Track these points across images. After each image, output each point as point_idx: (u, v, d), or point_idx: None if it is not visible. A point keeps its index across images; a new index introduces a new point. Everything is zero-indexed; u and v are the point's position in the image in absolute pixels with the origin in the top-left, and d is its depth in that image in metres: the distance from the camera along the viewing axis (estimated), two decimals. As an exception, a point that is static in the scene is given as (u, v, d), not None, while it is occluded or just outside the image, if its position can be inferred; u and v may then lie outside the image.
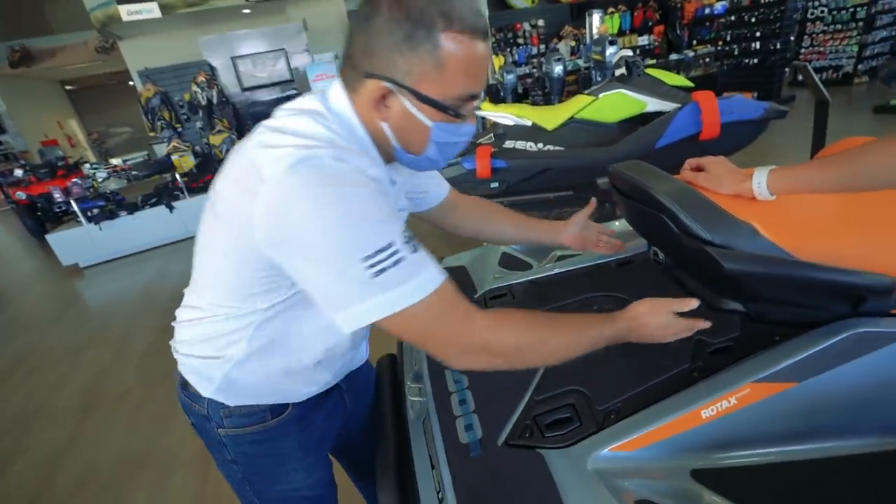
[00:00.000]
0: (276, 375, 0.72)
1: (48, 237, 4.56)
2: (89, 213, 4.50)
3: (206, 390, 0.72)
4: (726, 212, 0.70)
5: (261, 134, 0.58)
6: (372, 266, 0.52)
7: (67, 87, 12.92)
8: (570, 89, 5.76)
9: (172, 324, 0.77)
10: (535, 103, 6.12)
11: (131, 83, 7.58)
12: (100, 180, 5.12)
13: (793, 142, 4.20)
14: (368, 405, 0.98)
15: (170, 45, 7.16)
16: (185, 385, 0.76)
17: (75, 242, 4.55)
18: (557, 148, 2.66)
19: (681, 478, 0.67)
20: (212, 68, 7.26)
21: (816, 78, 2.43)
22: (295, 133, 0.56)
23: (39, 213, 5.93)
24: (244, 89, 7.64)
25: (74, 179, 5.06)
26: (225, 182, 0.61)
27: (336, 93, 0.62)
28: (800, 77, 5.61)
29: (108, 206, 4.59)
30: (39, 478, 1.95)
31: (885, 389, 0.74)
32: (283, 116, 0.61)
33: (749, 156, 2.98)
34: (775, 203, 0.75)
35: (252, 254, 0.58)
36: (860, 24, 6.41)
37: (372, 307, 0.54)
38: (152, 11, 5.59)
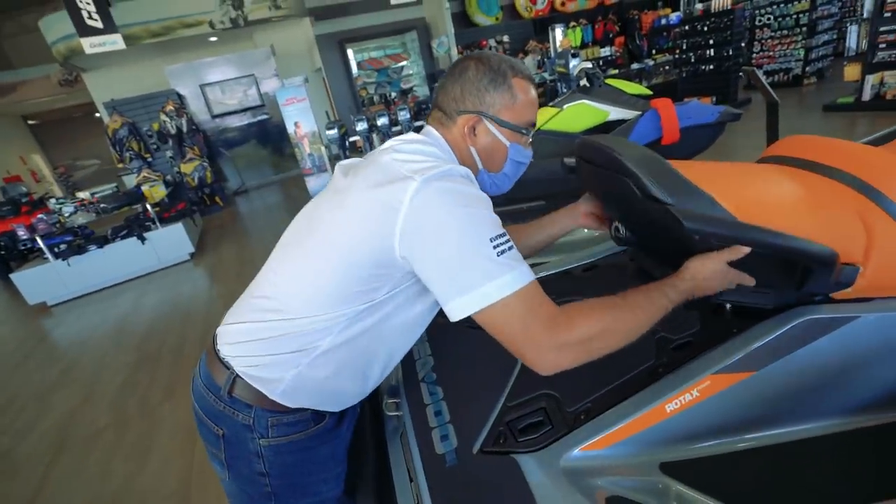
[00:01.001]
0: (345, 375, 0.76)
1: (12, 276, 4.39)
2: (56, 249, 4.35)
3: (273, 391, 0.73)
4: (687, 179, 0.74)
5: (390, 153, 0.73)
6: (497, 246, 0.64)
7: (30, 122, 12.58)
8: (539, 102, 5.89)
9: (224, 327, 0.79)
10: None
11: (97, 115, 7.44)
12: (66, 215, 4.97)
13: (752, 142, 4.38)
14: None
15: (136, 76, 7.08)
16: (232, 392, 0.75)
17: (42, 280, 4.38)
18: (526, 159, 2.71)
19: (650, 472, 0.69)
20: (180, 97, 7.21)
21: (765, 81, 2.57)
22: (422, 153, 0.74)
23: (3, 252, 5.71)
24: (214, 116, 7.59)
25: (40, 215, 4.89)
26: (359, 184, 0.71)
27: (430, 131, 0.82)
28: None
29: (76, 241, 4.45)
30: (7, 531, 1.85)
31: (837, 372, 0.78)
32: (401, 142, 0.78)
33: (711, 156, 3.10)
34: (735, 178, 0.82)
35: (378, 243, 0.66)
36: (804, 29, 6.79)
37: (492, 289, 0.63)
38: (116, 43, 5.52)
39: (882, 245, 0.78)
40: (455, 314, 0.65)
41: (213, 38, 7.14)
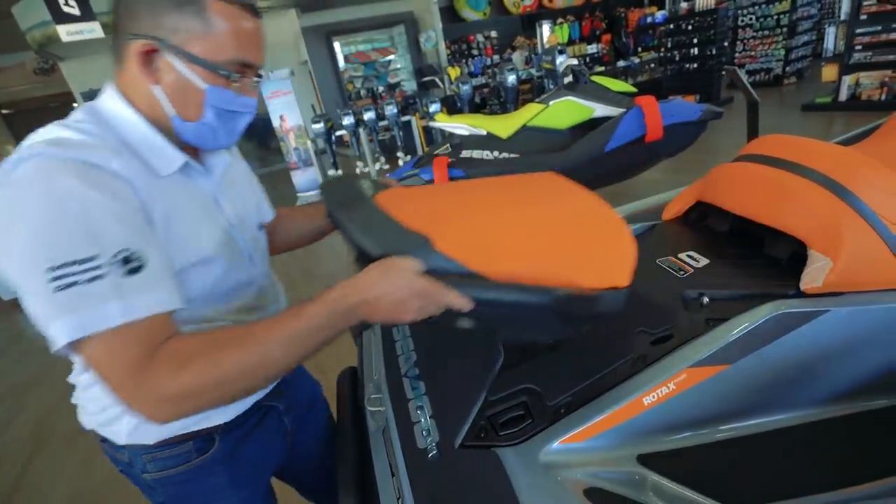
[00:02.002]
0: None
1: (-15, 271, 4.26)
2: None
3: (120, 437, 0.69)
4: (399, 224, 0.65)
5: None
6: (57, 279, 0.47)
7: (3, 111, 12.18)
8: (526, 97, 5.93)
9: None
10: (492, 112, 6.25)
11: (75, 105, 7.24)
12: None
13: (733, 140, 4.46)
14: (319, 423, 0.98)
15: (115, 65, 6.89)
16: (102, 439, 0.73)
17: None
18: (512, 155, 2.72)
19: (628, 463, 0.71)
20: (161, 87, 7.04)
21: (745, 80, 2.61)
22: (49, 133, 0.56)
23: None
24: (197, 108, 7.44)
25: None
26: None
27: (105, 92, 0.63)
28: (736, 80, 6.06)
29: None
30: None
31: (809, 364, 0.80)
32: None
33: (695, 153, 3.15)
34: (462, 217, 0.72)
35: None
36: (784, 29, 6.92)
37: (54, 331, 0.48)
38: (94, 31, 5.37)
39: (851, 242, 0.80)
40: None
41: (196, 28, 6.99)
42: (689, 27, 6.50)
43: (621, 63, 7.63)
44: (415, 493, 0.70)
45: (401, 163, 4.14)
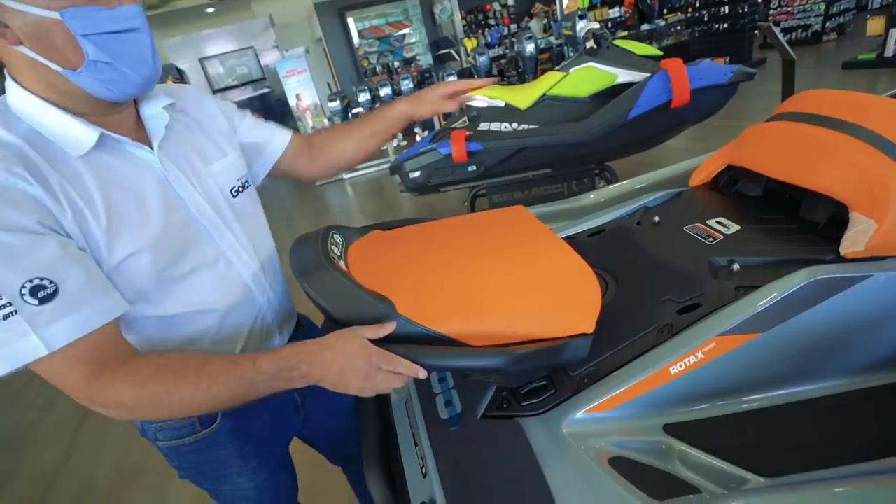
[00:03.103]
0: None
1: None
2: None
3: None
4: (362, 290, 0.65)
5: None
6: None
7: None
8: (545, 67, 5.73)
9: None
10: (510, 83, 6.08)
11: None
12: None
13: (765, 104, 4.24)
14: (343, 398, 0.99)
15: (134, 51, 6.96)
16: None
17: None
18: (532, 126, 2.65)
19: (654, 433, 0.69)
20: (179, 72, 7.10)
21: (781, 38, 2.45)
22: None
23: None
24: (215, 91, 7.50)
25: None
26: None
27: (7, 86, 0.59)
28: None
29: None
30: (37, 497, 1.95)
31: (845, 332, 0.77)
32: None
33: (724, 119, 3.01)
34: (429, 272, 0.73)
35: None
36: (826, -19, 6.45)
37: None
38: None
39: (898, 201, 0.75)
40: None
41: (211, 10, 6.98)
42: (720, -16, 6.13)
43: (645, 26, 7.25)
44: (438, 462, 0.71)
45: (418, 138, 4.09)
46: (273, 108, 8.00)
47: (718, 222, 0.96)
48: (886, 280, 0.75)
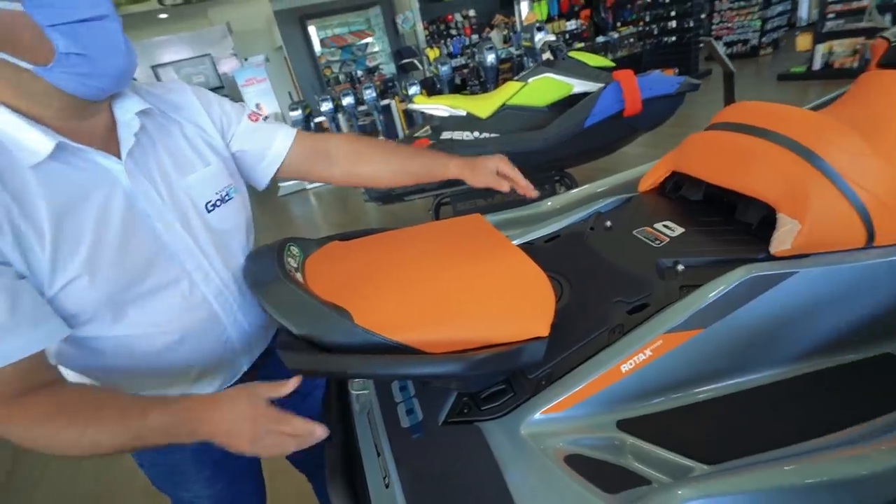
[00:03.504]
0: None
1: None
2: None
3: None
4: (318, 302, 0.65)
5: None
6: None
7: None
8: (507, 77, 5.86)
9: None
10: (473, 93, 6.18)
11: None
12: None
13: (709, 112, 4.50)
14: (313, 411, 0.98)
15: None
16: None
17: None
18: (493, 135, 2.71)
19: (608, 429, 0.72)
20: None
21: (721, 51, 2.61)
22: None
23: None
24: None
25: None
26: None
27: None
28: (714, 52, 6.07)
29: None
30: None
31: (778, 325, 0.82)
32: None
33: (674, 127, 3.17)
34: (386, 281, 0.74)
35: None
36: (760, 0, 6.93)
37: None
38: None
39: (818, 204, 0.82)
40: None
41: (163, 15, 6.75)
42: (667, 0, 6.48)
43: (601, 39, 7.56)
44: (400, 471, 0.71)
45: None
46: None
47: (665, 226, 1.01)
48: (811, 275, 0.81)
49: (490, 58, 4.87)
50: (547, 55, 2.90)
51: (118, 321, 0.63)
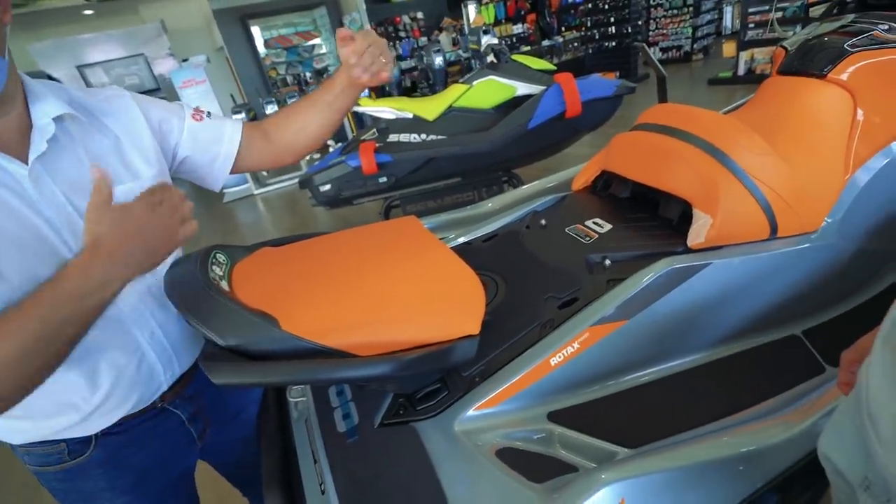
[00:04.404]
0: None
1: None
2: None
3: None
4: (243, 309, 0.63)
5: None
6: None
7: None
8: (455, 79, 5.91)
9: None
10: (423, 95, 6.19)
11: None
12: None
13: (649, 114, 4.75)
14: (247, 428, 0.95)
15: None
16: None
17: None
18: (440, 137, 2.72)
19: (538, 422, 0.75)
20: (52, 80, 6.32)
21: (653, 56, 2.77)
22: None
23: None
24: (98, 101, 6.76)
25: None
26: None
27: None
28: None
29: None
30: None
31: (695, 313, 0.88)
32: None
33: (615, 128, 3.31)
34: (316, 285, 0.72)
35: None
36: (690, 8, 7.40)
37: None
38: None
39: (726, 199, 0.88)
40: None
41: (89, 11, 6.30)
42: (606, 6, 6.77)
43: (546, 42, 7.80)
44: (335, 476, 0.70)
45: (331, 150, 4.02)
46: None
47: (595, 223, 1.06)
48: (723, 266, 0.87)
49: (438, 60, 4.91)
50: (491, 58, 2.95)
51: None
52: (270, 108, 4.95)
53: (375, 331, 0.65)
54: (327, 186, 2.73)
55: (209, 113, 0.83)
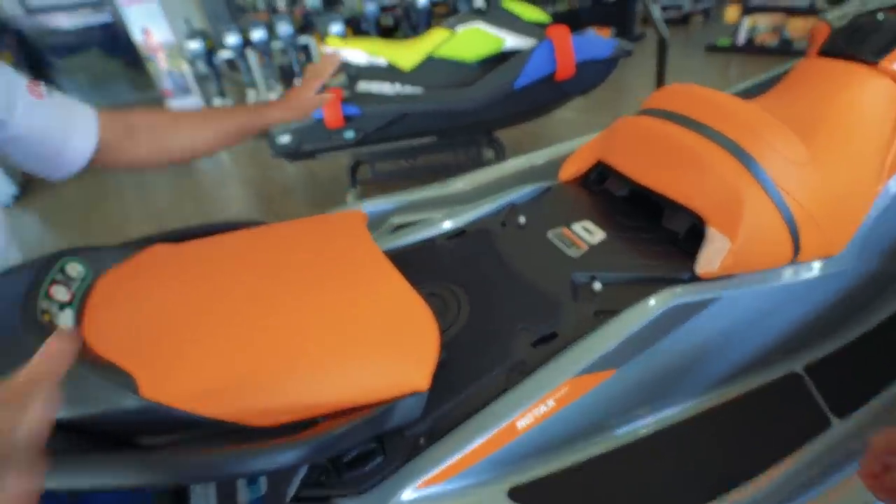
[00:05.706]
0: None
1: None
2: None
3: None
4: (82, 366, 0.43)
5: None
6: None
7: None
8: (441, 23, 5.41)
9: None
10: (406, 37, 5.68)
11: None
12: None
13: (641, 81, 4.47)
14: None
15: None
16: None
17: None
18: (416, 90, 2.43)
19: (497, 501, 0.59)
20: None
21: (657, 14, 2.50)
22: None
23: None
24: (31, 10, 5.94)
25: None
26: None
27: None
28: (649, 15, 6.00)
29: None
30: None
31: (698, 354, 0.73)
32: None
33: (607, 91, 3.06)
34: (202, 327, 0.52)
35: None
36: (697, -37, 6.92)
37: None
38: None
39: (751, 219, 0.71)
40: None
41: None
42: (609, -47, 6.25)
43: (541, -11, 7.24)
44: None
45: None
46: (120, 41, 6.59)
47: (584, 228, 0.87)
48: (733, 299, 0.71)
49: (422, -2, 4.43)
50: (480, 2, 2.61)
51: None
52: (231, 38, 4.41)
53: (285, 391, 0.47)
54: (286, 138, 2.43)
55: (50, 90, 0.66)
